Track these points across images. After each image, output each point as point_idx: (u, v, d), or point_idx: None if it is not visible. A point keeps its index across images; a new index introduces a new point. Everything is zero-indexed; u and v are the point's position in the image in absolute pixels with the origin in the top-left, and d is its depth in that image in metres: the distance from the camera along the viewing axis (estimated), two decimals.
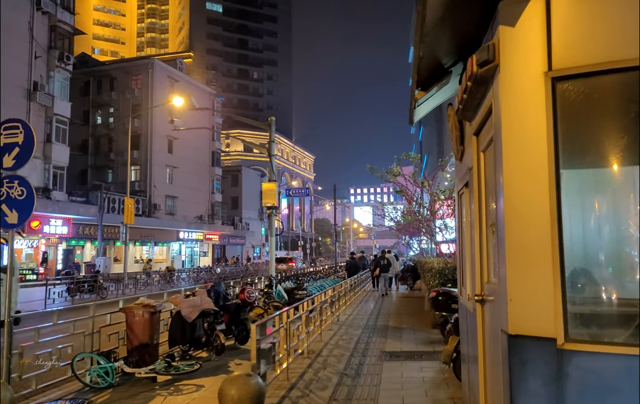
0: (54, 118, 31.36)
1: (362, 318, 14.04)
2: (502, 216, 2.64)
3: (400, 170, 11.69)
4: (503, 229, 2.61)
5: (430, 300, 7.49)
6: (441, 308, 7.21)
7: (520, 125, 2.57)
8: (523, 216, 2.52)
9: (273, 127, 16.15)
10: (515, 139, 2.58)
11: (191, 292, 9.41)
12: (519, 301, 2.51)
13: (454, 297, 6.98)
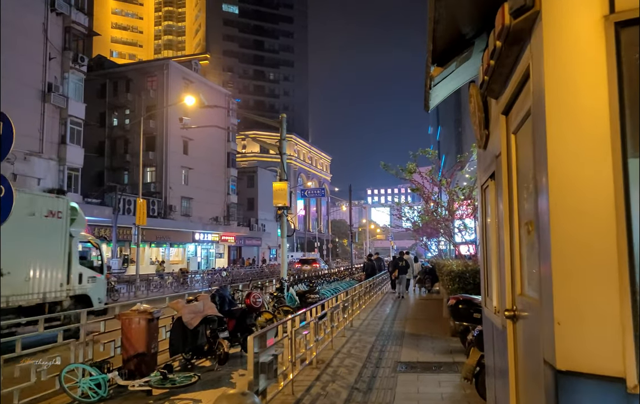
0: (68, 119, 31.31)
1: (377, 323, 13.38)
2: (545, 211, 2.00)
3: (417, 167, 11.02)
4: (547, 228, 1.96)
5: (449, 308, 6.83)
6: (461, 317, 6.54)
7: (571, 90, 1.93)
8: (576, 210, 1.87)
9: (284, 125, 15.61)
10: (564, 110, 1.94)
11: (194, 297, 8.90)
12: (570, 325, 1.86)
13: (476, 306, 6.31)
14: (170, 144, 48.17)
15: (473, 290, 10.56)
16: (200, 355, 8.52)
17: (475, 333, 5.19)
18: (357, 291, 14.33)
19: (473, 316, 6.29)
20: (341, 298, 11.42)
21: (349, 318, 12.53)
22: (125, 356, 7.30)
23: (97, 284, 13.67)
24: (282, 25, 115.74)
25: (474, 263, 11.38)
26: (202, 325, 8.37)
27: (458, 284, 10.70)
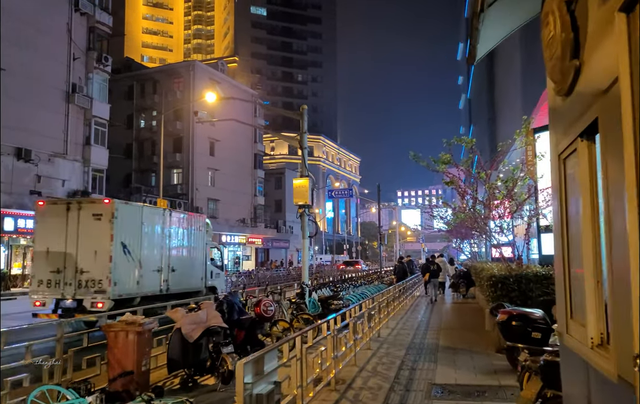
0: (92, 120, 31.03)
1: (407, 332, 12.06)
2: None
3: (451, 157, 9.69)
4: None
5: (498, 325, 5.51)
6: (515, 337, 5.19)
7: None
8: None
9: (305, 117, 14.44)
10: None
11: (197, 305, 7.82)
12: None
13: (534, 323, 5.01)
14: (196, 145, 47.80)
15: (518, 298, 9.16)
16: (202, 371, 7.43)
17: (541, 362, 3.88)
18: (385, 297, 13.03)
19: (531, 336, 4.98)
20: (367, 306, 10.18)
21: (375, 327, 11.26)
22: (111, 375, 6.27)
23: (220, 278, 18.75)
24: (311, 26, 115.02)
25: (518, 267, 9.95)
26: (205, 337, 7.28)
27: (500, 291, 9.31)
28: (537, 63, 25.00)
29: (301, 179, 14.00)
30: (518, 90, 31.16)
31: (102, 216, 13.00)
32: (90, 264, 12.80)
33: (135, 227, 13.73)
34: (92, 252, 12.83)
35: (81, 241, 12.92)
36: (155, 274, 14.45)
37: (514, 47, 38.17)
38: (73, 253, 12.90)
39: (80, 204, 13.60)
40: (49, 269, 13.06)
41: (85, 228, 12.95)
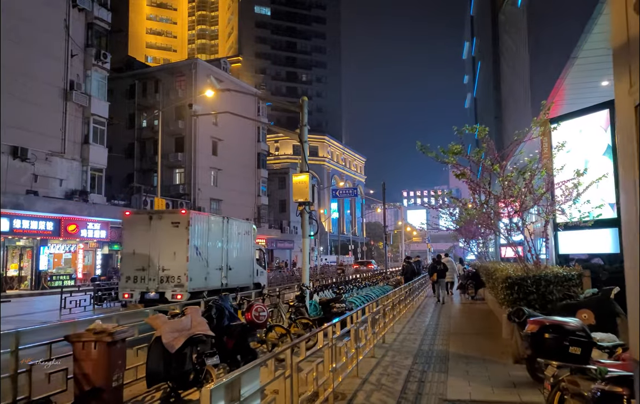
0: (91, 118, 30.37)
1: (414, 338, 11.23)
2: None
3: (463, 146, 8.86)
4: None
5: (527, 338, 4.66)
6: (549, 352, 4.34)
7: None
8: None
9: (305, 109, 13.66)
10: None
11: (180, 310, 7.04)
12: None
13: (573, 335, 4.19)
14: (198, 144, 47.15)
15: (537, 302, 8.34)
16: (185, 385, 6.66)
17: (594, 393, 3.06)
18: (390, 299, 12.21)
19: (569, 352, 4.16)
20: (370, 310, 9.38)
21: (380, 333, 10.45)
22: (77, 392, 5.51)
23: (263, 275, 21.64)
24: (315, 26, 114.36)
25: (536, 268, 9.11)
26: (188, 347, 6.51)
27: (517, 293, 8.48)
28: (545, 59, 24.11)
29: (301, 175, 13.20)
30: (526, 88, 30.28)
31: (179, 224, 15.75)
32: (170, 263, 15.46)
33: (204, 232, 16.60)
34: (171, 254, 15.51)
35: (162, 244, 15.59)
36: (217, 271, 17.35)
37: (521, 43, 37.28)
38: (156, 254, 15.57)
39: (161, 214, 16.50)
40: (135, 268, 15.73)
41: (165, 234, 15.66)
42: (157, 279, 15.45)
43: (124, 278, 15.91)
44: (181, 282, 15.31)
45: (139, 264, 15.69)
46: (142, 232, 15.86)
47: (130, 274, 15.75)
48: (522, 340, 7.13)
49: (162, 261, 15.53)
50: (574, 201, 9.37)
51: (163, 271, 15.49)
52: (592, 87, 18.92)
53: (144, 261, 15.62)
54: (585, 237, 11.63)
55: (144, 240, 15.76)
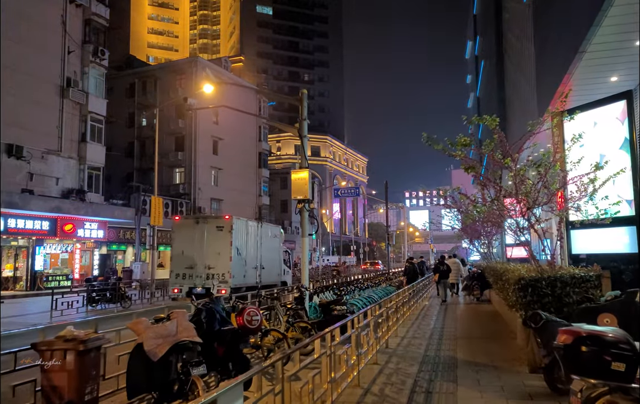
0: (88, 116, 29.85)
1: (419, 342, 10.63)
2: None
3: (472, 138, 8.27)
4: None
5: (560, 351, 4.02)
6: (587, 369, 3.67)
7: None
8: None
9: (305, 102, 13.08)
10: None
11: (166, 314, 6.45)
12: None
13: (615, 348, 3.58)
14: (199, 143, 46.62)
15: (552, 305, 7.73)
16: (169, 397, 6.07)
17: None
18: (394, 302, 11.60)
19: (610, 369, 3.55)
20: (373, 313, 8.78)
21: (383, 337, 9.85)
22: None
23: (289, 274, 24.43)
24: (317, 26, 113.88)
25: (550, 268, 8.50)
26: (173, 354, 5.92)
27: (530, 296, 7.86)
28: (552, 54, 23.48)
29: (300, 172, 12.62)
30: (531, 85, 29.69)
31: (223, 228, 18.06)
32: (215, 262, 17.79)
33: (243, 235, 18.85)
34: (216, 254, 17.84)
35: (208, 245, 17.94)
36: (253, 270, 19.77)
37: (526, 40, 36.62)
38: (202, 254, 17.93)
39: (207, 218, 19.00)
40: (184, 266, 18.22)
41: (210, 236, 18.03)
42: (204, 276, 17.85)
43: (173, 275, 18.49)
44: (225, 278, 17.66)
45: (187, 263, 18.24)
46: (190, 235, 18.26)
47: (180, 271, 18.36)
48: (539, 347, 6.54)
49: (207, 260, 17.93)
50: (590, 197, 8.76)
51: (209, 269, 17.91)
52: (601, 83, 18.29)
53: (191, 260, 18.13)
54: (599, 236, 11.02)
55: (191, 242, 18.20)
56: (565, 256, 11.83)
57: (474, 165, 8.54)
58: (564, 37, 22.51)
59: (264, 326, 8.71)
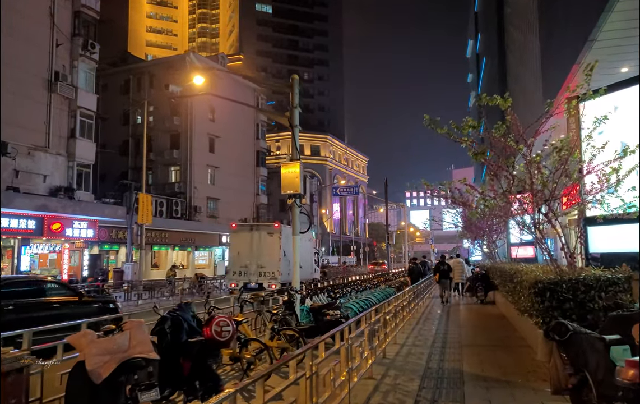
0: (78, 111, 28.80)
1: (420, 351, 9.59)
2: None
3: (484, 119, 7.24)
4: None
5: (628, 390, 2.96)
6: None
7: None
8: None
9: (296, 89, 12.05)
10: None
11: (117, 325, 5.41)
12: None
13: None
14: (195, 141, 45.59)
15: (573, 311, 6.70)
16: None
17: None
18: (392, 306, 10.57)
19: None
20: (368, 320, 7.75)
21: (380, 346, 8.82)
22: None
23: (317, 272, 27.61)
24: (317, 24, 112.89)
25: (571, 269, 7.47)
26: (121, 375, 4.89)
27: (549, 301, 6.83)
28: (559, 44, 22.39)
29: (290, 165, 11.58)
30: (536, 78, 28.67)
31: (273, 234, 21.58)
32: (266, 262, 21.08)
33: (288, 239, 21.09)
34: (267, 255, 21.17)
35: (260, 248, 21.34)
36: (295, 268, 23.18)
37: (530, 32, 35.57)
38: (255, 255, 21.33)
39: (259, 226, 23.00)
40: (240, 265, 21.63)
41: (262, 240, 21.47)
42: (256, 273, 21.19)
43: (230, 272, 22.23)
44: (275, 275, 20.88)
45: (242, 262, 21.67)
46: (245, 239, 21.85)
47: (236, 269, 21.85)
48: (564, 364, 5.50)
49: (260, 260, 21.34)
50: (614, 188, 7.71)
51: (260, 268, 21.27)
52: (610, 74, 17.25)
53: (246, 260, 21.55)
54: (618, 233, 10.00)
55: (246, 245, 21.71)
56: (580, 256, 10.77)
57: (483, 150, 7.50)
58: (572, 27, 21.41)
59: (243, 335, 7.68)
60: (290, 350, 8.37)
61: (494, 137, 7.37)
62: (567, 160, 7.10)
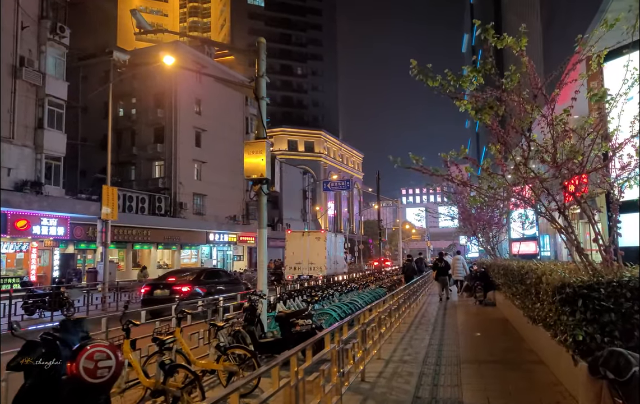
0: (46, 100, 26.77)
1: (409, 370, 7.70)
2: None
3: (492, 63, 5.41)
4: None
5: None
6: None
7: None
8: None
9: (262, 54, 10.21)
10: None
11: None
12: None
13: None
14: (180, 134, 43.59)
15: (615, 326, 4.85)
16: None
17: None
18: (375, 314, 8.68)
19: None
20: (341, 336, 5.87)
21: (358, 366, 6.93)
22: None
23: (346, 267, 34.86)
24: (310, 18, 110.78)
25: (607, 268, 5.60)
26: None
27: (582, 312, 4.95)
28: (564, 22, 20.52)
29: (255, 144, 9.67)
30: (537, 61, 26.92)
31: (320, 238, 28.77)
32: (315, 259, 27.77)
33: (330, 242, 29.17)
34: (315, 254, 27.87)
35: (310, 249, 27.98)
36: (334, 264, 29.46)
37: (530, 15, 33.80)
38: (306, 254, 27.90)
39: (309, 232, 31.46)
40: (295, 262, 28.34)
41: (312, 243, 28.23)
42: (307, 267, 27.42)
43: (287, 267, 28.75)
44: (322, 269, 26.96)
45: (296, 260, 28.29)
46: (298, 242, 28.82)
47: (292, 265, 28.42)
48: None
49: (310, 258, 27.84)
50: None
51: (311, 264, 27.67)
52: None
53: (299, 258, 28.16)
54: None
55: (299, 246, 28.44)
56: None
57: (491, 104, 5.61)
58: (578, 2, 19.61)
59: (170, 360, 5.76)
60: (239, 375, 6.49)
61: (505, 90, 5.48)
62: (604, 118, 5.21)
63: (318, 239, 28.41)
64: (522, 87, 5.61)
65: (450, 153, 6.64)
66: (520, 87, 5.57)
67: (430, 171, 6.32)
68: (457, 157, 6.52)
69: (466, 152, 6.39)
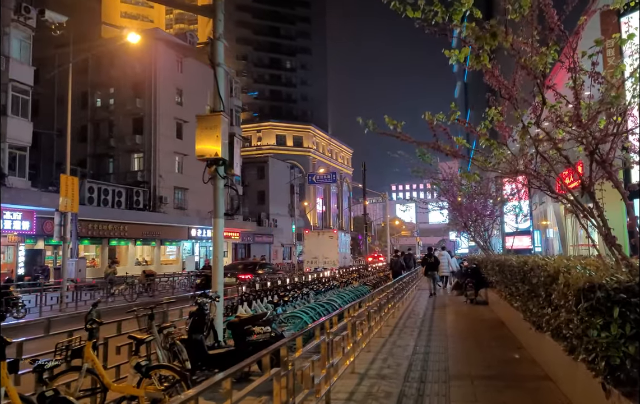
0: (9, 85, 25.00)
1: (387, 389, 6.26)
2: None
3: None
4: None
5: None
6: None
7: None
8: None
9: (220, 14, 8.70)
10: None
11: None
12: None
13: None
14: (160, 126, 41.82)
15: None
16: None
17: None
18: (348, 319, 7.23)
19: None
20: (326, 333, 4.42)
21: (321, 388, 5.48)
22: None
23: (352, 261, 42.24)
24: (299, 10, 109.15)
25: None
26: None
27: (620, 326, 3.53)
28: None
29: (209, 118, 8.18)
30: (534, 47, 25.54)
31: (333, 237, 34.81)
32: (329, 255, 33.01)
33: (341, 240, 35.69)
34: (329, 250, 33.23)
35: (324, 245, 33.45)
36: (344, 259, 34.79)
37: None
38: (321, 250, 33.30)
39: (324, 232, 39.75)
40: (311, 257, 33.90)
41: (325, 240, 34.13)
42: (322, 262, 32.14)
43: (305, 261, 34.65)
44: (335, 263, 31.30)
45: (313, 255, 33.69)
46: (314, 240, 34.79)
47: (309, 260, 33.77)
48: None
49: (324, 254, 32.93)
50: None
51: (325, 258, 32.68)
52: None
53: (315, 254, 33.54)
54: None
55: (315, 244, 34.13)
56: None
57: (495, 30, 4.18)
58: None
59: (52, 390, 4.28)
60: (164, 402, 5.02)
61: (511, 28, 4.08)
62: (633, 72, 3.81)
63: (331, 238, 34.30)
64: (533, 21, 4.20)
65: (438, 116, 5.25)
66: (533, 19, 4.17)
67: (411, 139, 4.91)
68: (446, 121, 5.13)
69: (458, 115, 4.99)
